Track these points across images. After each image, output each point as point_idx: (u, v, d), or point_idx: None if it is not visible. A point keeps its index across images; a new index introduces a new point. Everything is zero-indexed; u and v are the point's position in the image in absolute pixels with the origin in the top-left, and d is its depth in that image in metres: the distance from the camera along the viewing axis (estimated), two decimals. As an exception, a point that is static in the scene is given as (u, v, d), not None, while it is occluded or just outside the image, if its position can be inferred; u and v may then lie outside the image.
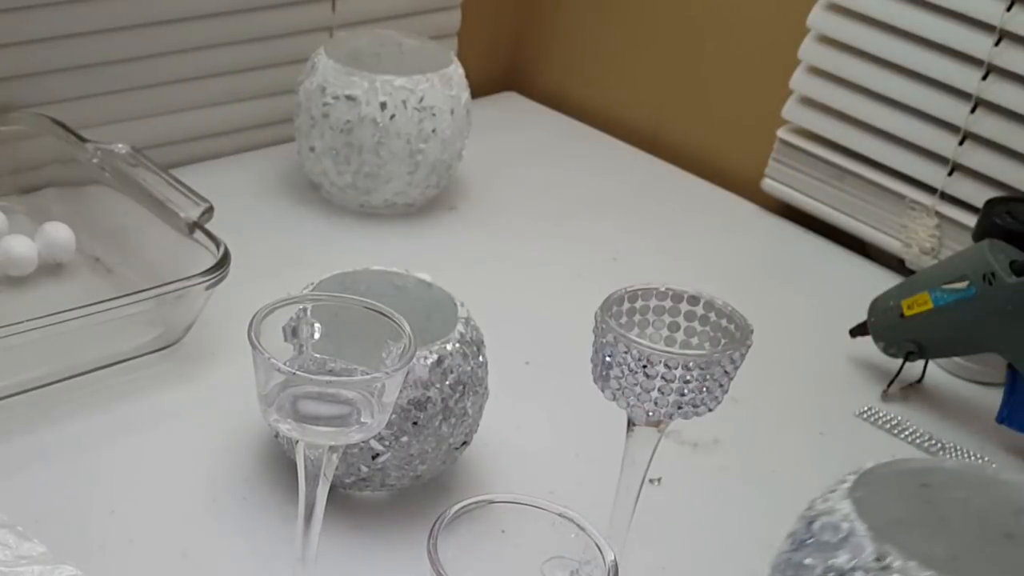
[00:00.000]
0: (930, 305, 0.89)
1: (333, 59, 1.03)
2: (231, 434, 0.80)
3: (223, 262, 0.84)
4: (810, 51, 1.11)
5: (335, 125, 1.02)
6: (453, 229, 1.08)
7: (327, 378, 0.59)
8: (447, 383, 0.71)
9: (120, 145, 0.93)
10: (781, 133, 1.14)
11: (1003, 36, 0.99)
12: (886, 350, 0.93)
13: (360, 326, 0.61)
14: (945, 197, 1.05)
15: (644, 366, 0.61)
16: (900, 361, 0.92)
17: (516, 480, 0.79)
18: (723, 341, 0.64)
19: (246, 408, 0.79)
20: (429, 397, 0.71)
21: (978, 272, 0.86)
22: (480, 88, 1.20)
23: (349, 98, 1.01)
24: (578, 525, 0.54)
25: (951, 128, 1.03)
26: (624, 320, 0.65)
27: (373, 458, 0.72)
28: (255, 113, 1.15)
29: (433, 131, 1.02)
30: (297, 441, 0.59)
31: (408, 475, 0.74)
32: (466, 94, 1.06)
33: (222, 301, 0.85)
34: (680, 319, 0.65)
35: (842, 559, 0.55)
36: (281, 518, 0.73)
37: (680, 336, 0.65)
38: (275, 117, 1.15)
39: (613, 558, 0.52)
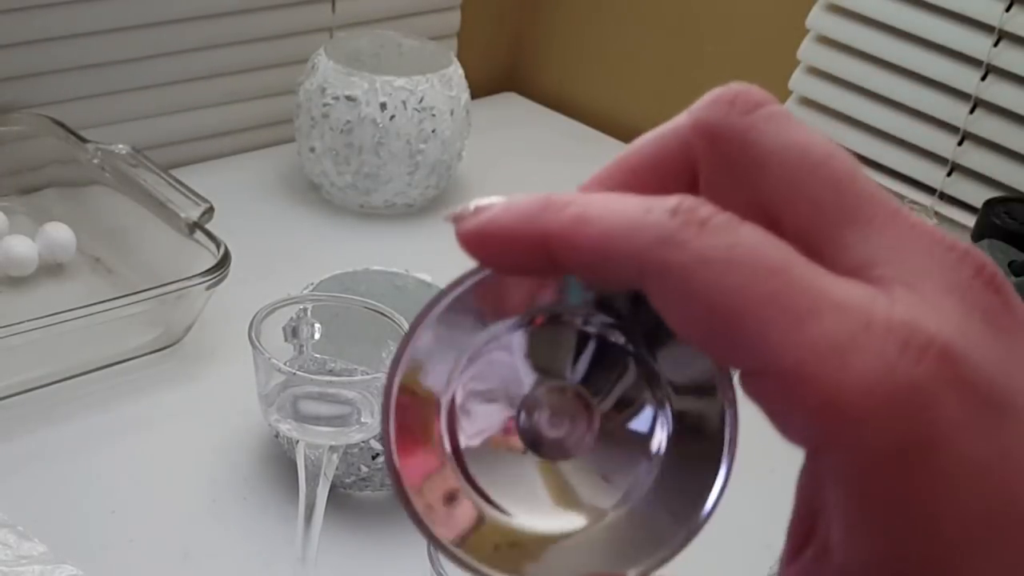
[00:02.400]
0: (929, 305, 0.89)
1: (333, 59, 1.03)
2: (231, 434, 0.80)
3: (223, 262, 0.84)
4: (809, 51, 1.11)
5: (335, 125, 1.02)
6: (453, 229, 1.07)
7: (327, 378, 0.59)
8: (447, 383, 0.71)
9: (120, 145, 0.93)
10: (781, 133, 1.14)
11: (1002, 36, 0.99)
12: (885, 350, 0.93)
13: (360, 326, 0.61)
14: (944, 197, 1.05)
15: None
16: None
17: (516, 480, 0.79)
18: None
19: (246, 408, 0.79)
20: (429, 397, 0.71)
21: (977, 272, 0.86)
22: (480, 88, 1.20)
23: (349, 98, 1.01)
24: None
25: (950, 128, 1.03)
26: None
27: (373, 458, 0.72)
28: (255, 113, 1.15)
29: (433, 131, 1.03)
30: (297, 441, 0.59)
31: (408, 475, 0.74)
32: (466, 94, 1.06)
33: (222, 301, 0.85)
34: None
35: None
36: (281, 518, 0.73)
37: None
38: (275, 117, 1.15)
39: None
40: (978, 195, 1.00)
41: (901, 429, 0.23)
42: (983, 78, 1.00)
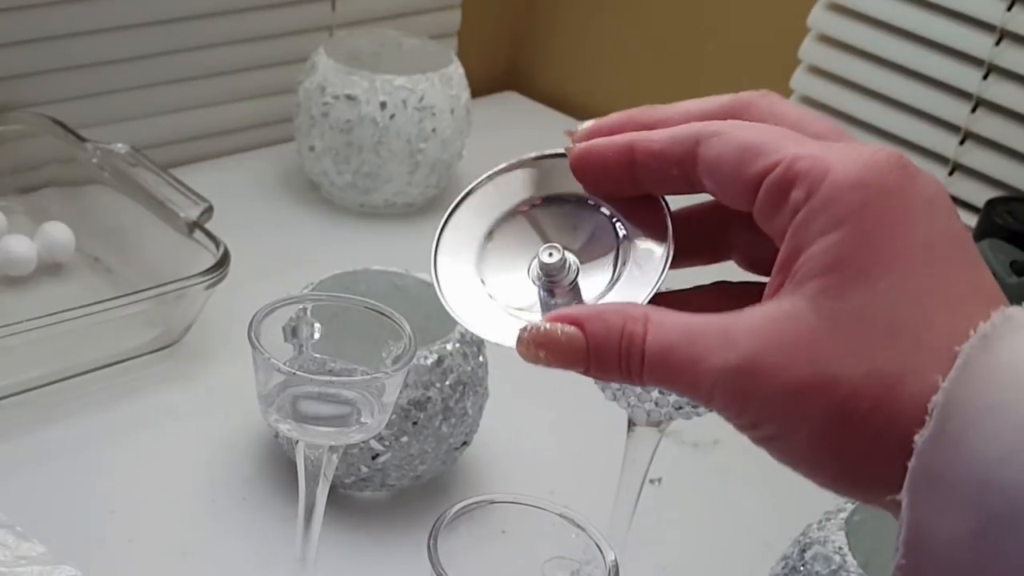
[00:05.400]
0: (931, 305, 0.88)
1: (333, 58, 1.03)
2: (231, 434, 0.80)
3: (223, 262, 0.83)
4: (810, 51, 1.11)
5: (335, 125, 1.01)
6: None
7: (327, 378, 0.59)
8: (447, 383, 0.71)
9: (120, 145, 0.93)
10: (781, 133, 1.14)
11: (1004, 36, 0.99)
12: (886, 350, 0.92)
13: (360, 326, 0.60)
14: (945, 197, 1.05)
15: (645, 366, 0.60)
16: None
17: (516, 480, 0.79)
18: (724, 341, 0.63)
19: (246, 408, 0.79)
20: (429, 397, 0.71)
21: (979, 272, 0.86)
22: (480, 88, 1.20)
23: (349, 97, 1.01)
24: (578, 525, 0.54)
25: (952, 128, 1.03)
26: (624, 320, 0.64)
27: (373, 458, 0.72)
28: (255, 113, 1.15)
29: (433, 131, 1.02)
30: (297, 441, 0.59)
31: (408, 475, 0.74)
32: (466, 94, 1.06)
33: (222, 301, 0.85)
34: (680, 319, 0.65)
35: None
36: (281, 518, 0.73)
37: (680, 336, 0.65)
38: (275, 117, 1.15)
39: (613, 558, 0.52)
40: (979, 195, 1.00)
41: None
42: (984, 77, 1.00)
